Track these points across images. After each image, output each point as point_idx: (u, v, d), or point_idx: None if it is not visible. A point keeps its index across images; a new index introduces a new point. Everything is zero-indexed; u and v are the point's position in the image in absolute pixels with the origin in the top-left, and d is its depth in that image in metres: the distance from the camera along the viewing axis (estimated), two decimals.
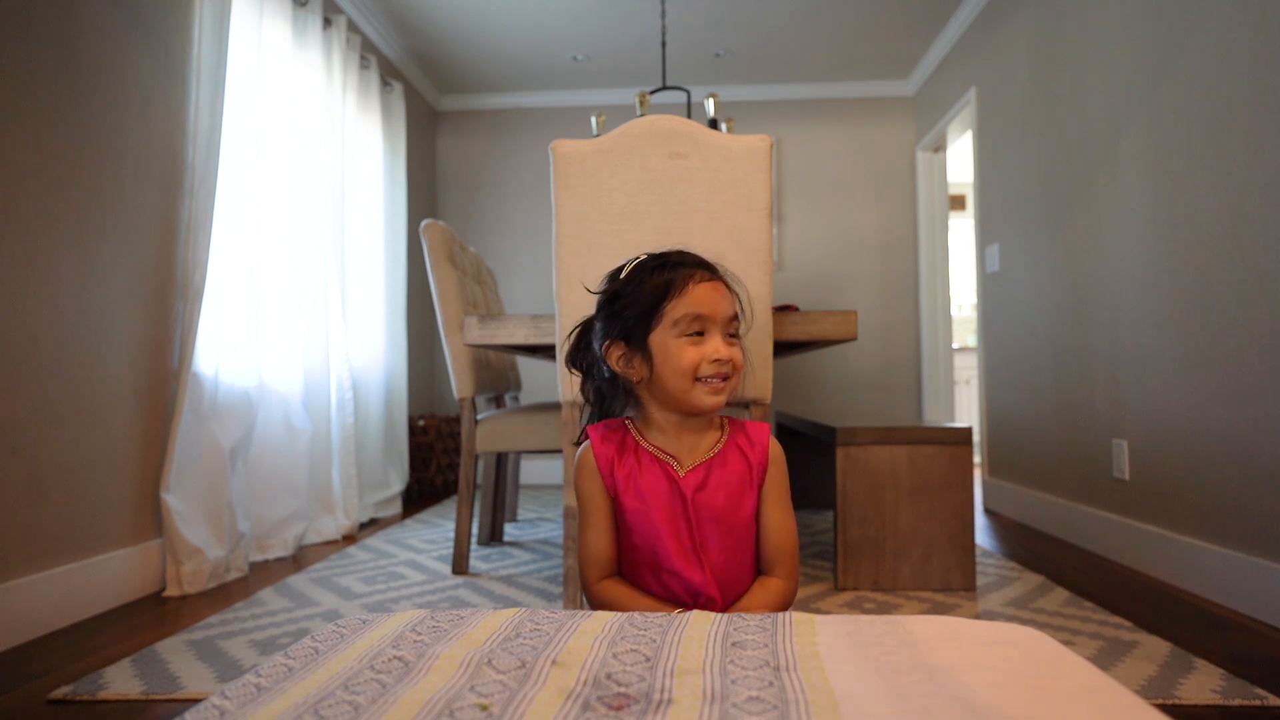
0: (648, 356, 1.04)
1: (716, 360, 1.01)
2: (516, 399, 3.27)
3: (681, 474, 1.05)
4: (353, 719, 0.56)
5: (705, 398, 1.02)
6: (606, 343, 1.07)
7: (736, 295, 1.08)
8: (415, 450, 4.00)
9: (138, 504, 2.08)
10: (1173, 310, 2.15)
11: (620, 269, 1.10)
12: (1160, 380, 2.21)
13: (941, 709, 0.56)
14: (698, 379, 1.02)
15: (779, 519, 1.08)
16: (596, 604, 1.07)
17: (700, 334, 1.02)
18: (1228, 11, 1.93)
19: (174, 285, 2.23)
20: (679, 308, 1.02)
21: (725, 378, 1.03)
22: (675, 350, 1.02)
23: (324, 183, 3.00)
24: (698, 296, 1.02)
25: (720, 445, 1.08)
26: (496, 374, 2.74)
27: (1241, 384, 1.89)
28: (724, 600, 1.05)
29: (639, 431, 1.09)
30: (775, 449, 1.10)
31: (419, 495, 4.00)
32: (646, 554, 1.05)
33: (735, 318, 1.05)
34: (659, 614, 0.83)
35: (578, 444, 1.13)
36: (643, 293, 1.04)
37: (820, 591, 2.07)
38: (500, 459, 2.79)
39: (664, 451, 1.07)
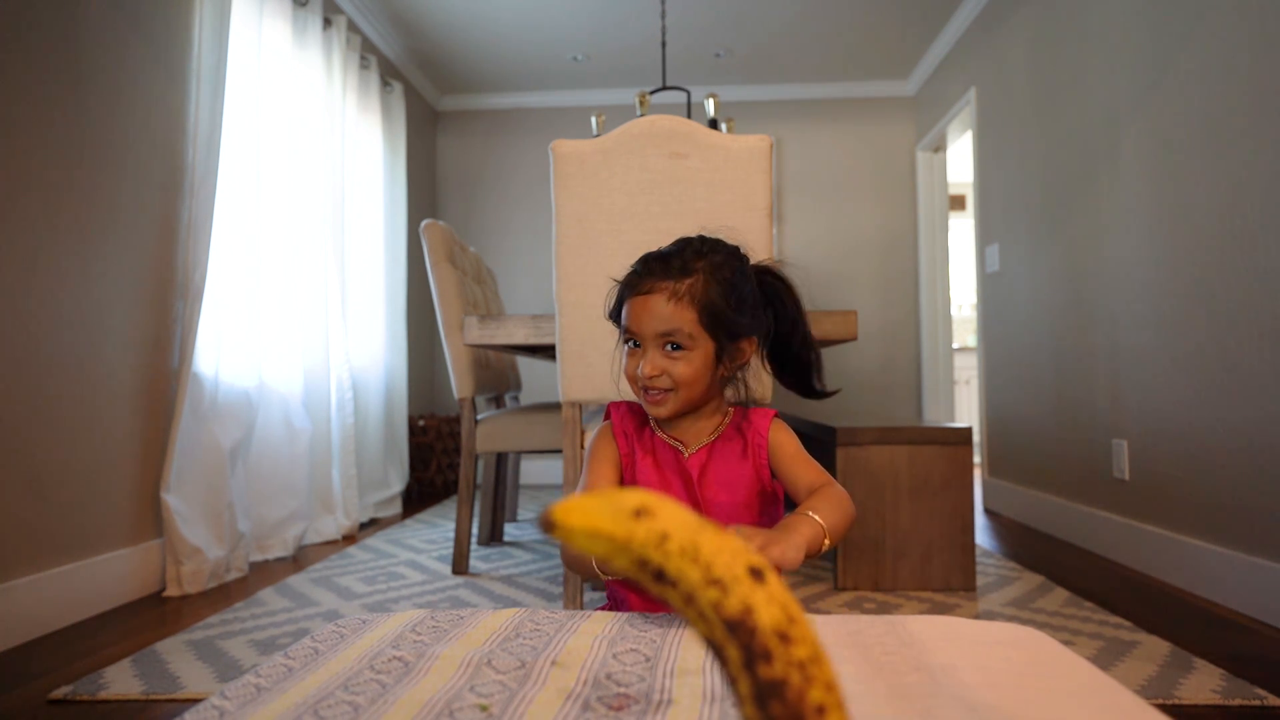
0: None
1: (642, 375, 1.02)
2: (516, 399, 3.27)
3: (687, 455, 1.07)
4: (352, 719, 0.56)
5: (647, 407, 1.04)
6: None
7: (709, 299, 1.02)
8: (415, 450, 4.00)
9: (138, 504, 2.08)
10: (1172, 310, 2.15)
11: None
12: (1160, 380, 2.21)
13: (941, 709, 0.56)
14: (642, 387, 1.04)
15: (801, 471, 1.06)
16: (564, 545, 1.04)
17: (637, 345, 1.03)
18: (1227, 12, 1.93)
19: (174, 285, 2.23)
20: (624, 319, 1.04)
21: (667, 389, 1.01)
22: (622, 357, 1.06)
23: (324, 183, 3.00)
24: (630, 312, 1.02)
25: (722, 428, 1.10)
26: (496, 374, 2.74)
27: (1241, 383, 1.89)
28: None
29: (654, 418, 1.11)
30: (776, 425, 1.10)
31: (419, 495, 4.00)
32: None
33: (671, 333, 1.00)
34: (659, 614, 0.83)
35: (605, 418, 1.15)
36: (616, 295, 1.07)
37: (820, 591, 2.07)
38: (500, 459, 2.79)
39: (672, 436, 1.08)
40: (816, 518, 0.94)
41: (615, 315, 1.07)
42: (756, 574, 0.35)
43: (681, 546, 0.35)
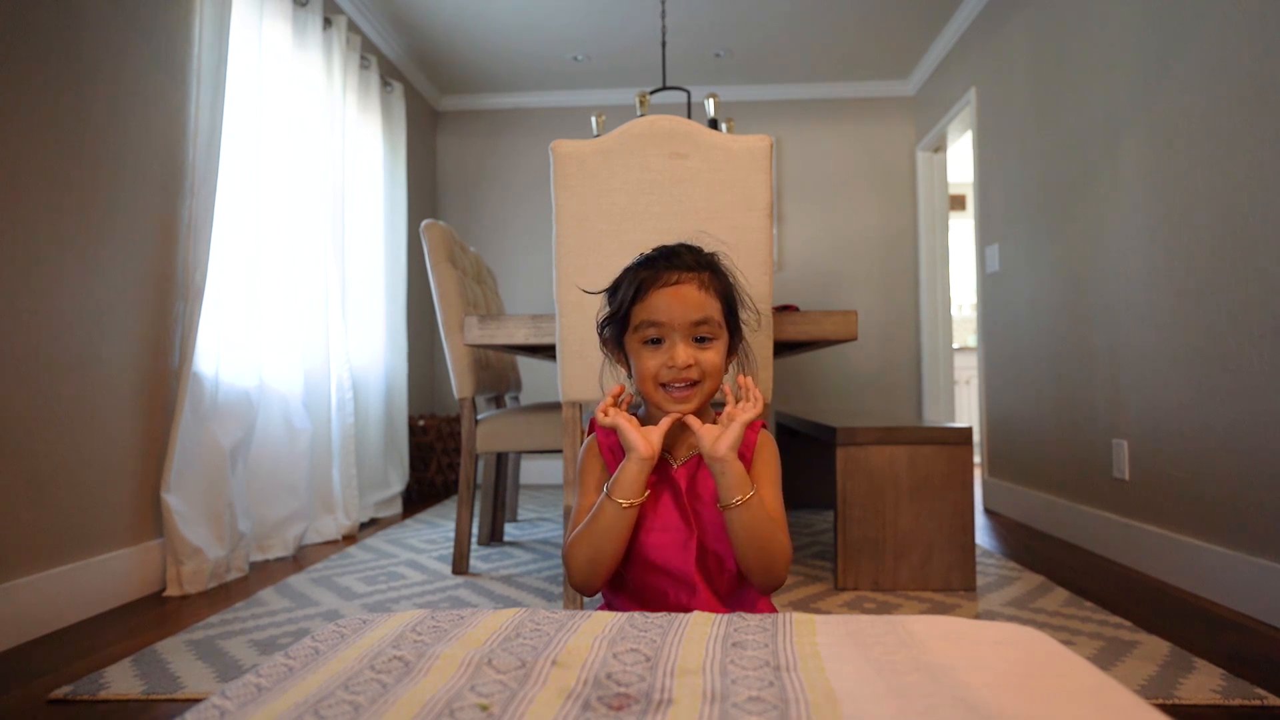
0: (625, 356, 1.06)
1: (674, 367, 0.99)
2: (516, 399, 3.27)
3: (675, 467, 1.06)
4: (353, 719, 0.56)
5: (669, 404, 1.01)
6: (602, 331, 1.09)
7: (727, 292, 1.05)
8: (415, 450, 4.00)
9: (138, 504, 2.08)
10: (1172, 310, 2.15)
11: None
12: (1160, 380, 2.21)
13: (941, 709, 0.56)
14: (661, 385, 1.01)
15: (764, 494, 1.05)
16: (568, 553, 1.02)
17: (659, 341, 1.01)
18: (1227, 12, 1.93)
19: (174, 285, 2.23)
20: (639, 314, 1.01)
21: (693, 382, 1.00)
22: (636, 355, 1.03)
23: (324, 183, 3.00)
24: (654, 304, 1.00)
25: None
26: (496, 374, 2.74)
27: (1241, 383, 1.89)
28: (712, 590, 1.04)
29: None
30: (764, 437, 1.09)
31: (419, 495, 4.00)
32: (635, 545, 1.04)
33: (704, 321, 1.00)
34: (659, 614, 0.83)
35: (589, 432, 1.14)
36: (621, 293, 1.05)
37: (820, 591, 2.07)
38: (500, 459, 2.79)
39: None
40: (758, 498, 0.98)
41: (620, 316, 1.04)
42: None
43: None
